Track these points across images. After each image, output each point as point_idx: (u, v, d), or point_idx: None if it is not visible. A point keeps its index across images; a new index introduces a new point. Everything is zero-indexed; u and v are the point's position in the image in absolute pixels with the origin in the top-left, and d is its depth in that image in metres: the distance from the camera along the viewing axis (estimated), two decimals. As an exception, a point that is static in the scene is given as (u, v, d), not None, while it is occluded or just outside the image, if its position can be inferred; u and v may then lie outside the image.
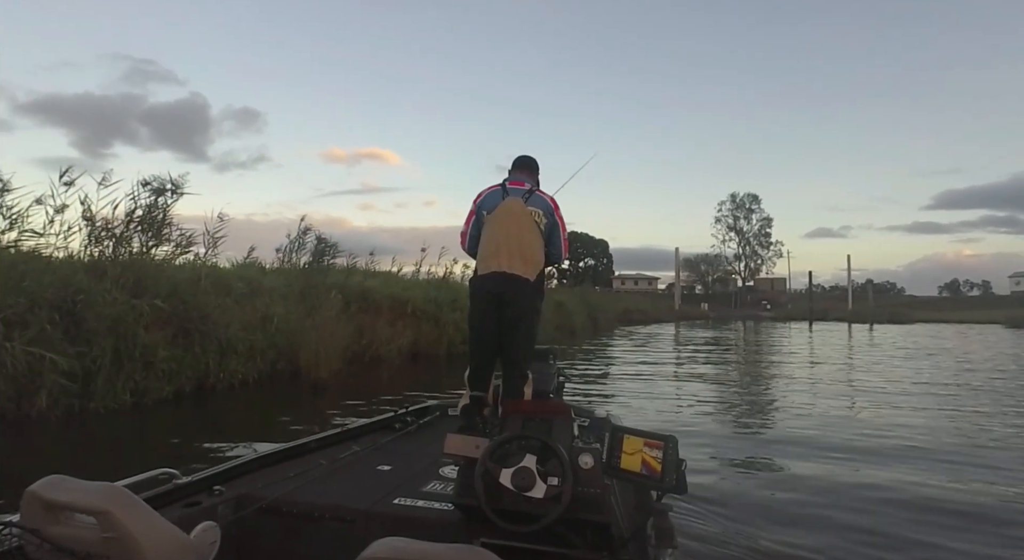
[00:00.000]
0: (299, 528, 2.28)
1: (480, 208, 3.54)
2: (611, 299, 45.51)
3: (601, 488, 1.89)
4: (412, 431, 3.46)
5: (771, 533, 3.58)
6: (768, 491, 4.45)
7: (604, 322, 31.82)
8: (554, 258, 3.61)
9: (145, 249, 8.61)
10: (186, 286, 8.86)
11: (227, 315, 9.31)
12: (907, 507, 4.06)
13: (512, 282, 3.30)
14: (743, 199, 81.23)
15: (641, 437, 1.96)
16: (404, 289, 14.46)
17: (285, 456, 2.87)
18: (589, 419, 2.56)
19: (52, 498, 1.41)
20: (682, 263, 75.15)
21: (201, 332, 8.72)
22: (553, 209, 3.53)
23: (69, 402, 6.60)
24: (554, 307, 25.39)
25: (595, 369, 12.94)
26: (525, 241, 3.37)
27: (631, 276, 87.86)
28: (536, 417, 2.06)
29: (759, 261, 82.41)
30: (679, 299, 63.89)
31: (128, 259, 8.33)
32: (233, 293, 10.04)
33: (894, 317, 44.46)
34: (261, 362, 9.53)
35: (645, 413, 7.71)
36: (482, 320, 3.39)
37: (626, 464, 1.94)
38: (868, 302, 53.71)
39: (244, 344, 9.40)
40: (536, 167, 3.75)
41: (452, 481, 2.24)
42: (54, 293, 6.95)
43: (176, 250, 9.65)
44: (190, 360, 8.38)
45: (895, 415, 7.64)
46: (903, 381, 10.90)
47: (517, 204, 3.43)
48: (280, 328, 10.14)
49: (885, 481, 4.64)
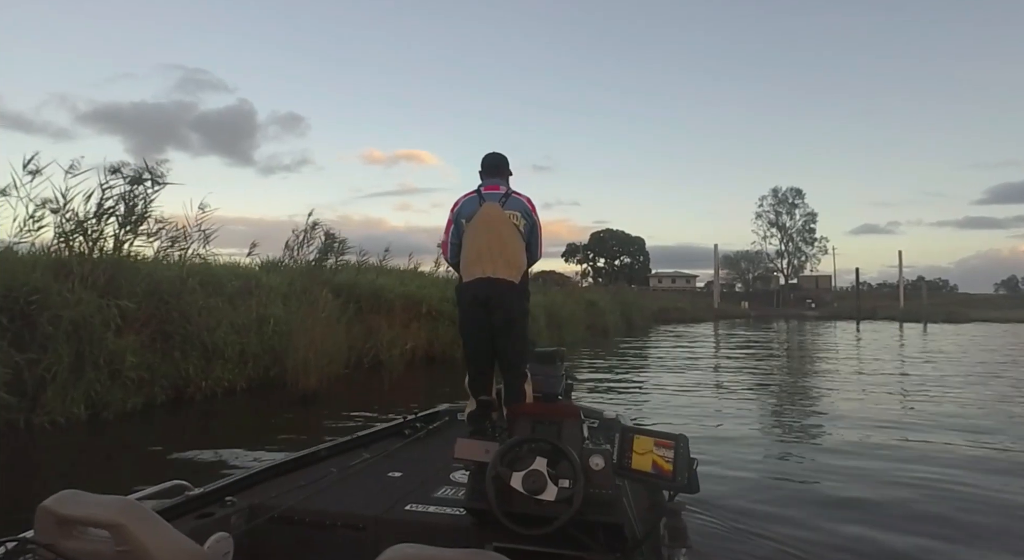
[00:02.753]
0: (311, 537, 2.27)
1: (458, 216, 3.55)
2: (647, 297, 44.03)
3: (612, 489, 1.91)
4: (422, 437, 3.46)
5: (784, 533, 3.55)
6: (783, 492, 4.37)
7: (639, 321, 30.73)
8: (532, 259, 3.62)
9: (120, 244, 7.82)
10: (168, 285, 8.09)
11: (214, 316, 8.52)
12: (934, 522, 3.79)
13: (498, 286, 3.32)
14: (786, 194, 78.20)
15: (651, 437, 1.95)
16: (419, 288, 13.55)
17: (296, 465, 2.86)
18: (599, 420, 2.76)
19: (65, 513, 1.40)
20: (721, 260, 72.91)
21: (183, 335, 7.95)
22: (530, 210, 3.55)
23: (11, 417, 5.82)
24: (585, 306, 24.45)
25: (618, 370, 11.95)
26: (507, 245, 3.38)
27: (668, 274, 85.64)
28: (545, 420, 2.07)
29: (802, 258, 79.38)
30: (718, 297, 61.92)
31: (101, 256, 7.57)
32: (226, 292, 9.29)
33: (950, 316, 41.87)
34: (253, 368, 8.73)
35: (662, 413, 7.54)
36: (473, 327, 3.42)
37: (637, 464, 1.93)
38: (922, 300, 51.06)
39: (234, 348, 8.61)
40: (506, 164, 3.72)
41: (463, 486, 2.29)
42: (1, 293, 6.20)
43: (166, 246, 8.92)
44: (167, 367, 7.60)
45: (951, 445, 5.85)
46: (979, 404, 8.23)
47: (495, 209, 3.45)
48: (278, 330, 9.35)
49: (913, 497, 4.29)
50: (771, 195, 78.49)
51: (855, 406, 8.11)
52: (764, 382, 11.17)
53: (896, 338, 24.33)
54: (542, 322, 17.56)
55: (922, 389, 9.69)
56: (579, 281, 49.77)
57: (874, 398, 8.80)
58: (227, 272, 10.16)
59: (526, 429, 2.06)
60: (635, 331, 27.17)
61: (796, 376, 12.31)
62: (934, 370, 12.47)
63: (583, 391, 9.05)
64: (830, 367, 13.74)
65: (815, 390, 9.96)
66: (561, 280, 34.05)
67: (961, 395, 8.99)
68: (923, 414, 7.48)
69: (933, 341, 22.41)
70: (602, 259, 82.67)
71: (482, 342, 3.42)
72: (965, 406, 8.10)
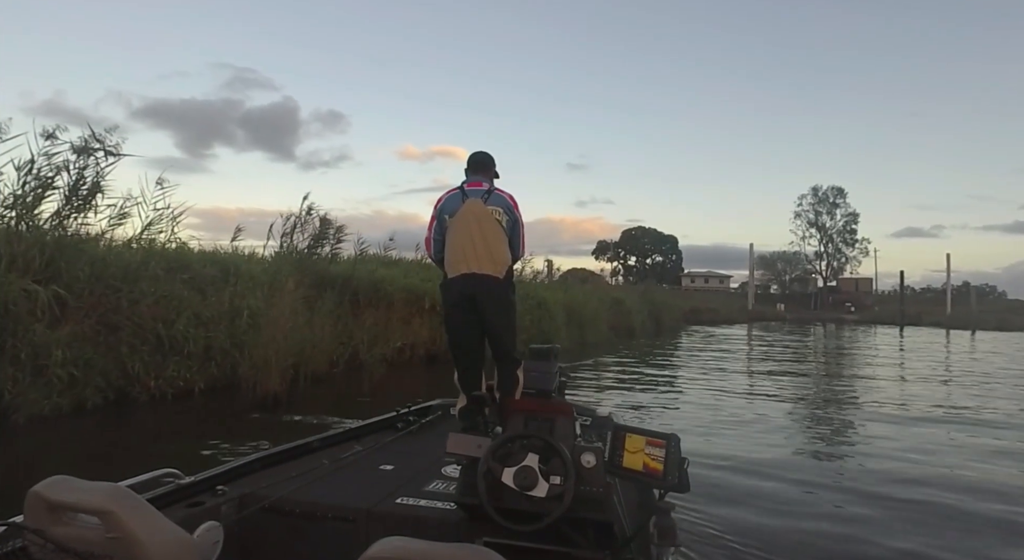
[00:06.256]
0: (302, 528, 2.26)
1: (441, 212, 3.54)
2: (678, 297, 42.48)
3: (603, 487, 1.92)
4: (414, 431, 3.46)
5: (774, 532, 3.65)
6: (774, 493, 4.44)
7: (669, 321, 29.31)
8: (514, 256, 3.61)
9: (62, 221, 6.86)
10: (118, 269, 7.12)
11: (175, 306, 7.54)
12: (933, 531, 3.80)
13: (483, 282, 3.36)
14: (826, 193, 74.94)
15: (643, 436, 1.96)
16: (423, 280, 12.45)
17: (288, 456, 2.83)
18: (591, 418, 3.12)
19: (56, 498, 1.38)
20: (757, 261, 70.39)
21: (133, 327, 6.98)
22: (513, 206, 3.57)
23: None
24: (611, 304, 23.17)
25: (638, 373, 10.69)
26: (490, 241, 3.40)
27: (701, 274, 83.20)
28: (538, 416, 2.07)
29: (842, 260, 76.25)
30: (753, 299, 59.77)
31: (38, 234, 6.62)
32: (196, 281, 8.31)
33: (1002, 323, 39.20)
34: (217, 366, 7.73)
35: (661, 414, 7.44)
36: (459, 323, 3.45)
37: (628, 463, 1.95)
38: (970, 306, 48.29)
39: (198, 343, 7.63)
40: (492, 164, 3.71)
41: (454, 480, 2.28)
42: None
43: (114, 225, 7.87)
44: (109, 363, 6.63)
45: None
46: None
47: (478, 205, 3.45)
48: (254, 324, 8.34)
49: (910, 506, 4.27)
50: (811, 194, 75.28)
51: (876, 423, 7.30)
52: (785, 389, 10.33)
53: (946, 348, 22.45)
54: (560, 320, 16.39)
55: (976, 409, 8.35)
56: (609, 279, 48.36)
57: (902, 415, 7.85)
58: (204, 259, 9.20)
59: (519, 425, 2.05)
60: (664, 332, 25.81)
61: (824, 386, 11.20)
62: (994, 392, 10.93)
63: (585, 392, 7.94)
64: (863, 378, 12.73)
65: (840, 402, 9.21)
66: (586, 276, 32.67)
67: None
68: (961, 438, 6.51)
69: (987, 351, 20.53)
70: (633, 257, 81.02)
71: (469, 338, 3.45)
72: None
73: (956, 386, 11.13)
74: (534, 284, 17.88)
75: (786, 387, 10.49)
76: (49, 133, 6.66)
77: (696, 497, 3.81)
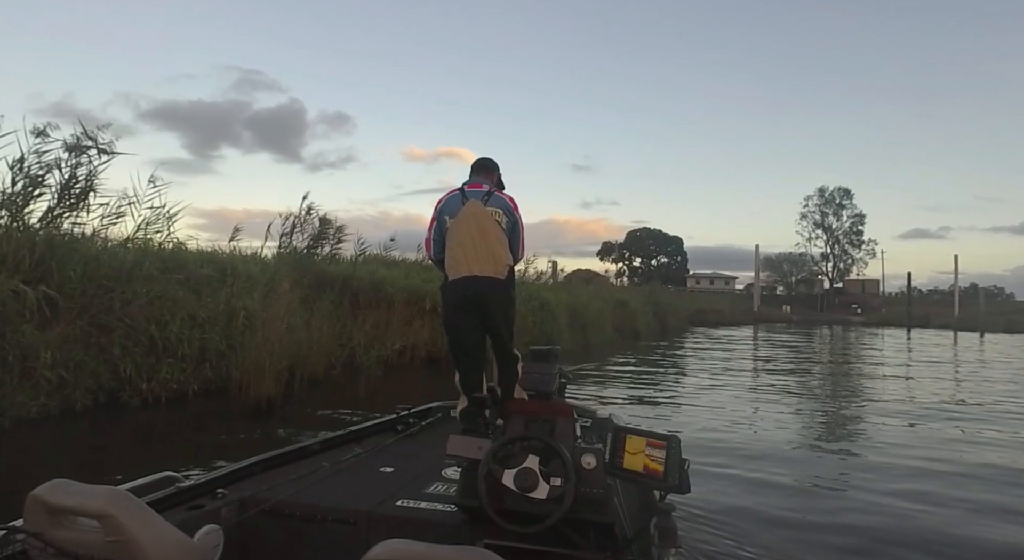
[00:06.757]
0: (302, 530, 2.26)
1: (441, 213, 3.55)
2: (683, 298, 42.24)
3: (604, 488, 1.91)
4: (414, 433, 3.43)
5: (776, 533, 3.64)
6: (776, 495, 4.42)
7: (674, 323, 29.10)
8: (514, 257, 3.60)
9: (54, 220, 6.73)
10: (110, 270, 6.99)
11: (170, 307, 7.41)
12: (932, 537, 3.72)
13: (484, 284, 3.37)
14: (833, 194, 74.37)
15: (644, 437, 1.97)
16: (425, 281, 12.30)
17: (288, 458, 2.82)
18: (592, 419, 3.23)
19: (55, 502, 1.39)
20: (763, 262, 69.96)
21: (125, 328, 6.85)
22: (512, 208, 3.57)
23: None
24: (615, 306, 22.98)
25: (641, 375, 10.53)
26: (490, 242, 3.41)
27: (707, 275, 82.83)
28: (539, 418, 2.07)
29: (849, 261, 75.75)
30: (758, 300, 59.38)
31: (27, 233, 6.50)
32: (191, 281, 8.18)
33: (1011, 325, 38.80)
34: (213, 368, 7.59)
35: (661, 413, 7.46)
36: (460, 325, 3.45)
37: (629, 464, 1.95)
38: (979, 307, 47.86)
39: (193, 345, 7.49)
40: (494, 168, 3.76)
41: (455, 482, 2.26)
42: None
43: (108, 224, 7.74)
44: (100, 366, 6.50)
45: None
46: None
47: (477, 206, 3.46)
48: (250, 326, 8.20)
49: (908, 514, 4.15)
50: (817, 195, 74.77)
51: (881, 429, 7.10)
52: (789, 392, 10.21)
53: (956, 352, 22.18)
54: (563, 321, 16.21)
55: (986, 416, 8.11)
56: (613, 280, 48.10)
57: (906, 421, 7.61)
58: (201, 259, 9.07)
59: (519, 426, 2.04)
60: (669, 334, 25.58)
61: (828, 390, 11.03)
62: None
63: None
64: (870, 379, 12.61)
65: (844, 406, 9.08)
66: (590, 277, 32.46)
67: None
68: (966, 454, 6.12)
69: (999, 354, 20.25)
70: (638, 258, 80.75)
71: (470, 339, 3.45)
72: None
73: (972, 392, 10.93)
74: (537, 285, 17.71)
75: (790, 390, 10.33)
76: (40, 130, 6.53)
77: (697, 498, 3.81)
